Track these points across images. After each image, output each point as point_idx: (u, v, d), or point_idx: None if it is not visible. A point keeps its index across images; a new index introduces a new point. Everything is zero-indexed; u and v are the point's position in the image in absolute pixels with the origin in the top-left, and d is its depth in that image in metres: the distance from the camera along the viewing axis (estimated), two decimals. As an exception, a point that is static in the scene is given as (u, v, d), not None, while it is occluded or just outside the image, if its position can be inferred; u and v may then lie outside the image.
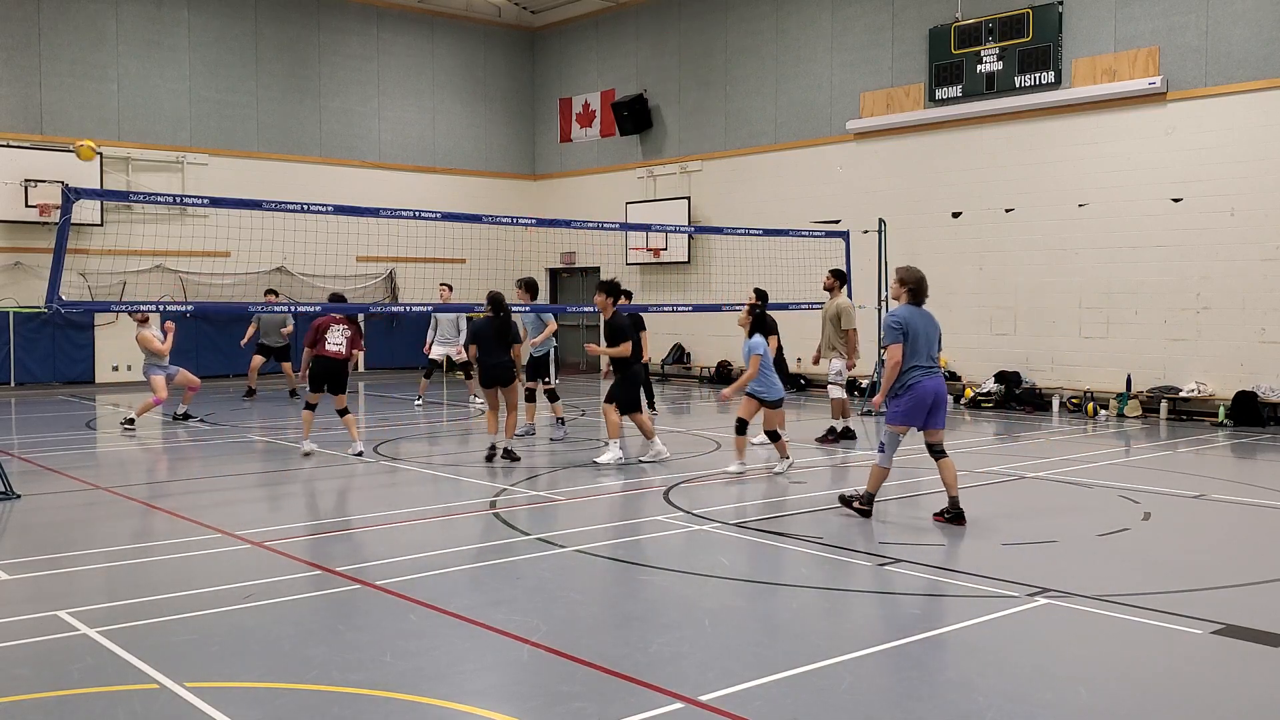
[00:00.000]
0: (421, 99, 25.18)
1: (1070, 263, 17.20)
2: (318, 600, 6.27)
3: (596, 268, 24.33)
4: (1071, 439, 13.83)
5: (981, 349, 18.35)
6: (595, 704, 4.64)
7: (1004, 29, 17.80)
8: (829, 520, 8.50)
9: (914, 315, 8.69)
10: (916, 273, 8.87)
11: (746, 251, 19.43)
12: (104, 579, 6.87)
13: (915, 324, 8.61)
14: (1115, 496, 9.56)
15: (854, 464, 11.56)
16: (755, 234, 17.09)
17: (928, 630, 5.67)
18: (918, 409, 8.45)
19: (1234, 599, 6.33)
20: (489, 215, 15.15)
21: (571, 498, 9.61)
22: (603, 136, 25.11)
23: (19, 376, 20.18)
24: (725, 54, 22.48)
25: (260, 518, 8.81)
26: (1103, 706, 4.65)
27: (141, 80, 21.42)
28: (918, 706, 4.63)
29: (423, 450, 12.82)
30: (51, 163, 19.76)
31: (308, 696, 4.73)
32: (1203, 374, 15.85)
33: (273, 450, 12.62)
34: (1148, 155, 16.33)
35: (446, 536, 8.09)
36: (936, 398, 8.53)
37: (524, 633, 5.59)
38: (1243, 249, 15.43)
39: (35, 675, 5.00)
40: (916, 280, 8.83)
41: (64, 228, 10.46)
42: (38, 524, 8.49)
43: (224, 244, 19.15)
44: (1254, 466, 11.97)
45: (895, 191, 19.36)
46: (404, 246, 20.56)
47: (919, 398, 8.43)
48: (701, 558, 7.41)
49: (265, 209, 12.33)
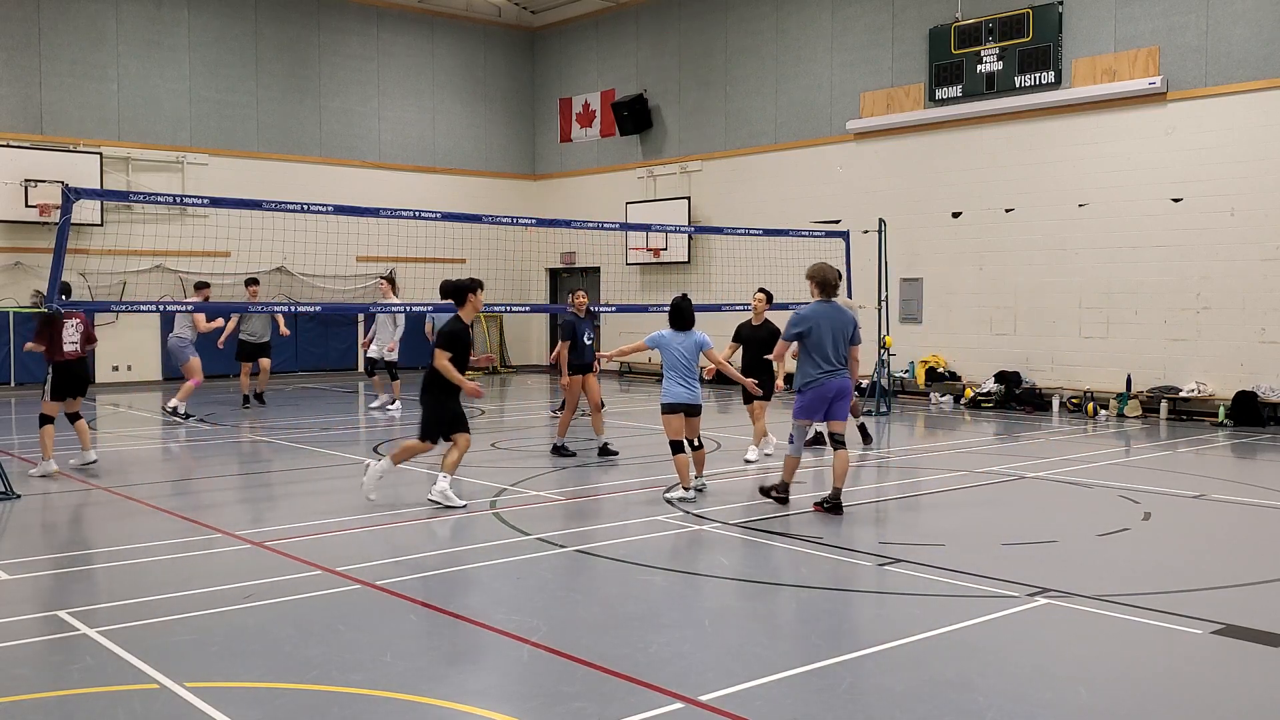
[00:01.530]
0: (421, 99, 25.17)
1: (1070, 263, 17.20)
2: (318, 600, 6.27)
3: (596, 268, 24.33)
4: (1071, 439, 13.83)
5: (981, 349, 18.35)
6: (595, 704, 4.64)
7: (1004, 29, 17.80)
8: (829, 520, 8.50)
9: (818, 312, 8.89)
10: (821, 268, 9.07)
11: (746, 251, 19.43)
12: (104, 579, 6.87)
13: (819, 322, 8.83)
14: (1115, 496, 9.56)
15: (854, 464, 11.56)
16: (755, 234, 17.09)
17: (928, 630, 5.67)
18: (818, 402, 8.86)
19: (1234, 599, 6.33)
20: (489, 215, 15.15)
21: (571, 498, 9.61)
22: (603, 136, 25.11)
23: (19, 376, 20.18)
24: (725, 54, 22.48)
25: (260, 518, 8.81)
26: (1103, 706, 4.65)
27: (141, 80, 21.41)
28: (918, 706, 4.63)
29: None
30: (51, 163, 19.76)
31: (308, 696, 4.73)
32: (1203, 374, 15.85)
33: (273, 450, 12.61)
34: (1148, 155, 16.33)
35: (446, 536, 8.09)
36: (838, 392, 8.84)
37: (524, 633, 5.59)
38: (1243, 249, 15.43)
39: (35, 675, 5.00)
40: (821, 275, 9.01)
41: (64, 228, 10.45)
42: (38, 524, 8.49)
43: (224, 244, 19.15)
44: (1254, 466, 11.97)
45: (895, 191, 19.36)
46: (404, 246, 20.55)
47: (820, 394, 8.83)
48: (701, 558, 7.41)
49: (265, 209, 12.32)
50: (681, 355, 9.40)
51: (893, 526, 8.86)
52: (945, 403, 18.18)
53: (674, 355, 9.41)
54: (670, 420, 9.32)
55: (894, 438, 14.16)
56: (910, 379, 18.95)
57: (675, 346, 9.42)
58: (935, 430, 14.94)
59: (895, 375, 18.11)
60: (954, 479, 10.48)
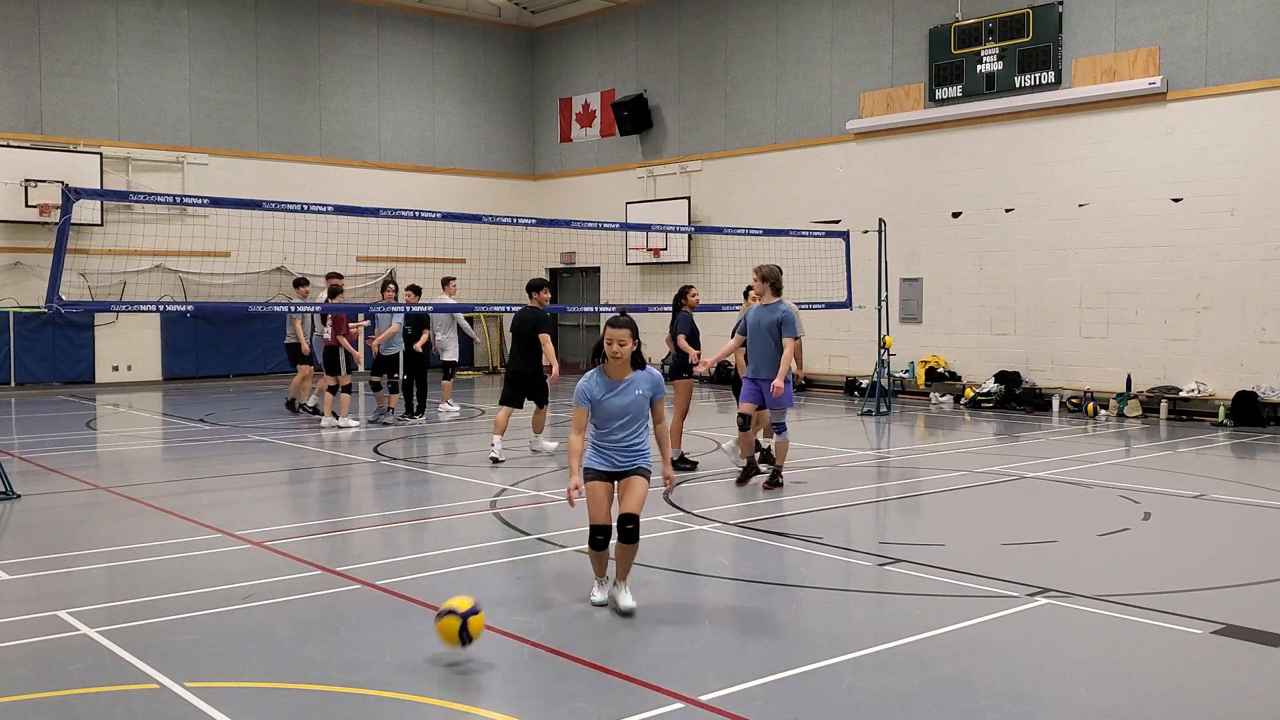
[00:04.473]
0: (421, 99, 25.17)
1: (1070, 263, 17.20)
2: (318, 600, 6.27)
3: (596, 268, 24.34)
4: (1071, 439, 13.83)
5: (981, 349, 18.35)
6: (595, 704, 4.64)
7: (1004, 29, 17.79)
8: (829, 520, 8.50)
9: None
10: (776, 270, 9.88)
11: (746, 251, 19.42)
12: (104, 579, 6.87)
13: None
14: (1115, 496, 9.56)
15: (855, 464, 11.56)
16: (755, 234, 17.09)
17: (928, 630, 5.67)
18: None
19: (1234, 599, 6.33)
20: (489, 215, 15.14)
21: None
22: (603, 136, 25.11)
23: (19, 376, 20.17)
24: (725, 54, 22.48)
25: (260, 518, 8.81)
26: (1103, 706, 4.65)
27: (141, 80, 21.42)
28: (918, 706, 4.63)
29: (422, 450, 12.82)
30: (51, 163, 19.77)
31: (308, 696, 4.73)
32: (1203, 374, 15.84)
33: (273, 450, 12.62)
34: (1148, 155, 16.33)
35: (446, 536, 8.09)
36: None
37: (524, 633, 5.59)
38: (1243, 249, 15.43)
39: (35, 675, 5.00)
40: (776, 278, 9.81)
41: (64, 228, 10.45)
42: (38, 524, 8.49)
43: (224, 244, 19.15)
44: (1254, 466, 11.97)
45: (895, 191, 19.36)
46: (404, 246, 20.55)
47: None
48: (701, 558, 7.41)
49: (265, 209, 12.32)
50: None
51: (893, 526, 8.86)
52: (945, 403, 18.18)
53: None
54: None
55: (894, 438, 14.16)
56: (910, 379, 18.95)
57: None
58: (935, 430, 14.94)
59: (895, 375, 18.11)
60: (954, 479, 10.48)
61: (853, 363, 20.05)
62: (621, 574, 6.05)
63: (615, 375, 6.06)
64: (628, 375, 6.06)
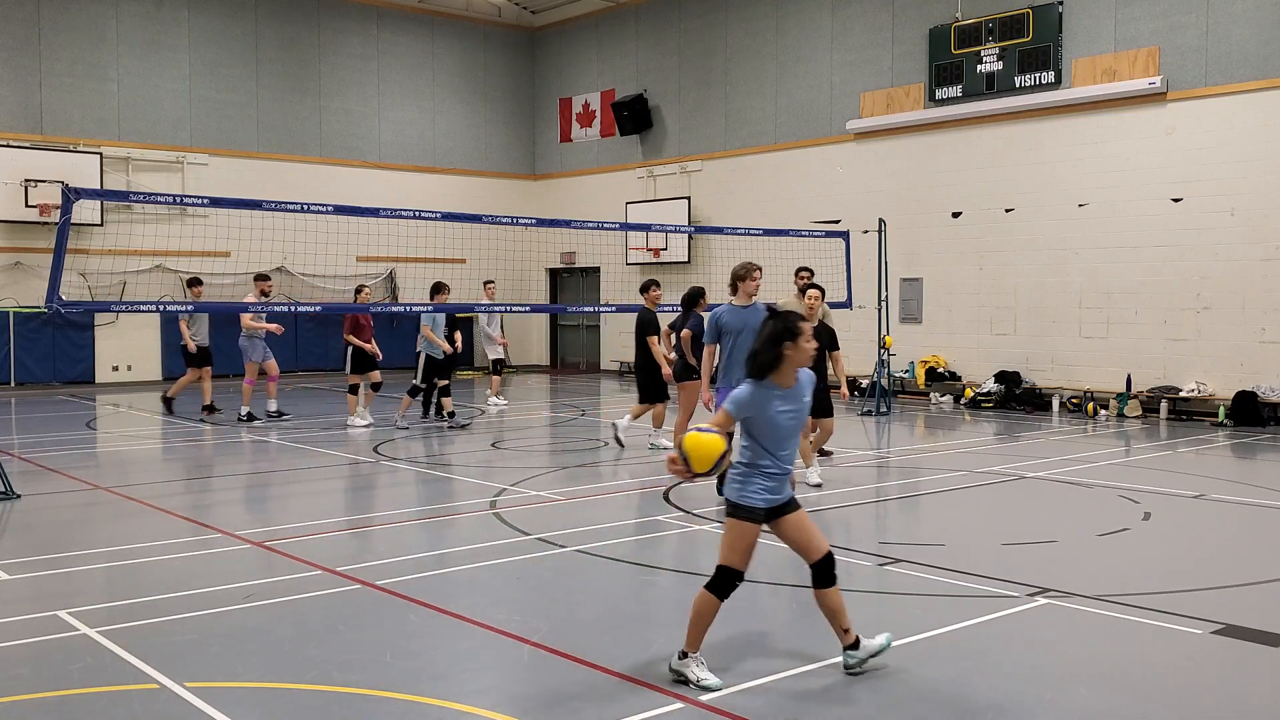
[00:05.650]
0: (421, 99, 25.17)
1: (1070, 263, 17.20)
2: (318, 600, 6.27)
3: (596, 268, 24.34)
4: (1071, 439, 13.83)
5: (981, 349, 18.35)
6: (595, 704, 4.64)
7: (1004, 29, 17.79)
8: (829, 520, 8.50)
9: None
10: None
11: (746, 252, 19.37)
12: (104, 579, 6.87)
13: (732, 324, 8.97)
14: (1115, 496, 9.56)
15: (854, 464, 11.56)
16: (755, 234, 17.07)
17: (928, 630, 5.67)
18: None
19: (1234, 599, 6.33)
20: (489, 215, 15.14)
21: (571, 498, 9.61)
22: (603, 136, 25.11)
23: (19, 376, 20.18)
24: (725, 54, 22.48)
25: (260, 518, 8.81)
26: (1102, 706, 4.65)
27: (141, 80, 21.42)
28: (918, 706, 4.63)
29: (422, 450, 12.81)
30: (51, 163, 19.77)
31: (308, 696, 4.73)
32: (1203, 374, 15.84)
33: (273, 450, 12.62)
34: (1148, 155, 16.33)
35: (446, 536, 8.09)
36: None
37: (524, 633, 5.59)
38: (1243, 249, 15.43)
39: (35, 675, 5.00)
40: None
41: (64, 228, 10.45)
42: (38, 524, 8.49)
43: (224, 244, 19.14)
44: (1254, 466, 11.97)
45: (895, 191, 19.36)
46: (404, 246, 20.55)
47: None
48: (701, 558, 7.41)
49: (265, 209, 12.31)
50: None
51: (893, 526, 8.86)
52: (945, 403, 18.18)
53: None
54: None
55: (894, 438, 14.16)
56: (910, 379, 18.95)
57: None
58: (935, 430, 14.94)
59: (895, 375, 18.11)
60: (954, 479, 10.48)
61: (853, 363, 20.00)
62: (843, 623, 5.09)
63: (787, 383, 4.99)
64: (796, 381, 5.04)
